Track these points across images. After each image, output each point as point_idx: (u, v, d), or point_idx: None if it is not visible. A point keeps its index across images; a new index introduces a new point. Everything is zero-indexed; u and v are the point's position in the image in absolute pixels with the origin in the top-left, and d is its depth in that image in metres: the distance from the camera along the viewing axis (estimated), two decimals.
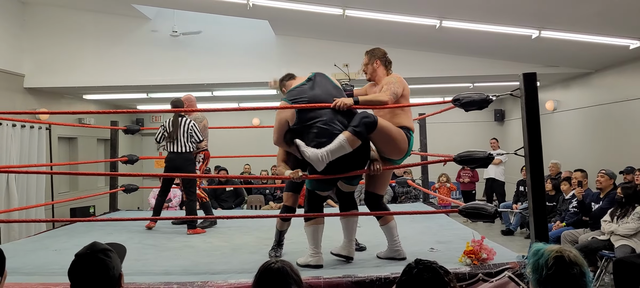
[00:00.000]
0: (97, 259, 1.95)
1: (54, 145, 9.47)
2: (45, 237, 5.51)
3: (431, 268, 1.92)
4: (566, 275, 1.86)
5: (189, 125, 5.78)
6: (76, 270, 1.95)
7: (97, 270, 1.93)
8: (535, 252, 1.94)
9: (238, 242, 4.93)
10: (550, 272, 1.87)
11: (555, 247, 1.93)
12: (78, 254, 1.98)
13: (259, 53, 8.86)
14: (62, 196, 9.63)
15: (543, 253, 1.91)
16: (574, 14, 5.95)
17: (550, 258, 1.88)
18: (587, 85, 9.09)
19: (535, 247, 1.96)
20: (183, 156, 5.74)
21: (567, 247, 1.95)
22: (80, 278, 1.94)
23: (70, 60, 8.89)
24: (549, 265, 1.88)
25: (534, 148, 3.58)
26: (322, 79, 3.94)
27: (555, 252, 1.89)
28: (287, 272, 1.95)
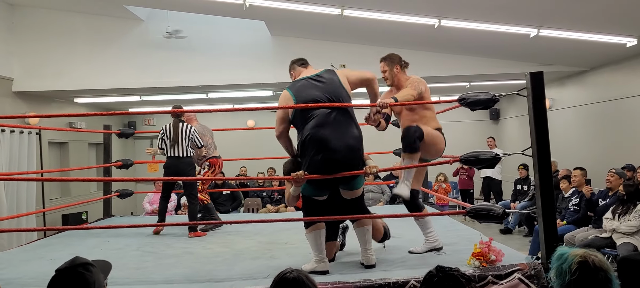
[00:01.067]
0: (76, 273, 1.92)
1: (44, 150, 9.30)
2: (38, 246, 5.37)
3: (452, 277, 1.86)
4: (591, 280, 1.80)
5: (190, 130, 5.81)
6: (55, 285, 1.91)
7: (76, 284, 1.90)
8: (559, 256, 1.87)
9: (239, 248, 4.83)
10: (574, 277, 1.81)
11: (579, 251, 1.87)
12: (58, 269, 1.96)
13: (255, 54, 8.76)
14: (53, 202, 9.46)
15: (567, 257, 1.85)
16: (574, 12, 5.92)
17: (574, 263, 1.82)
18: (582, 83, 9.09)
19: (559, 251, 1.90)
20: (184, 161, 5.75)
21: (591, 251, 1.88)
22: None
23: (60, 63, 8.73)
24: (572, 270, 1.82)
25: (541, 148, 3.52)
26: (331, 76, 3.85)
27: (579, 256, 1.83)
28: (303, 281, 1.88)
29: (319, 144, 3.61)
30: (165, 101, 10.72)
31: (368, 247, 3.86)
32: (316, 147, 3.61)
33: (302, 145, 3.70)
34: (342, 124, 3.67)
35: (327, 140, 3.60)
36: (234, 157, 9.64)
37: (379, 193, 9.00)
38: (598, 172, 7.63)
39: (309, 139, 3.64)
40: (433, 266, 3.64)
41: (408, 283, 3.40)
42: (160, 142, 5.83)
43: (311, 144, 3.63)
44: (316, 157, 3.61)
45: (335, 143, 3.61)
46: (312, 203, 3.85)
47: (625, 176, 6.61)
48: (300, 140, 3.73)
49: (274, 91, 9.75)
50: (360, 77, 3.97)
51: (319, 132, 3.61)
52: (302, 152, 3.72)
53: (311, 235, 3.76)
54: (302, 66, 4.03)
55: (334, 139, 3.61)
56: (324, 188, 3.79)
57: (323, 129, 3.62)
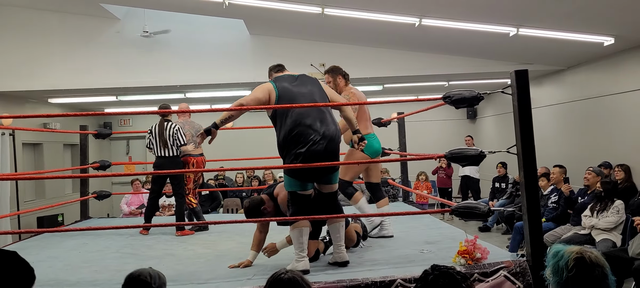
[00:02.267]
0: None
1: (18, 152, 9.07)
2: (15, 248, 5.16)
3: (448, 274, 1.84)
4: (588, 277, 1.80)
5: (173, 129, 5.82)
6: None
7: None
8: (555, 253, 1.88)
9: (221, 248, 4.77)
10: (571, 274, 1.81)
11: (575, 248, 1.87)
12: (130, 276, 2.00)
13: (233, 53, 8.68)
14: (28, 205, 9.23)
15: (563, 254, 1.85)
16: (553, 11, 6.00)
17: (571, 260, 1.83)
18: (559, 82, 9.23)
19: (554, 248, 1.90)
20: (172, 160, 5.82)
21: (587, 248, 1.89)
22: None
23: (34, 62, 8.51)
24: (569, 266, 1.82)
25: (526, 146, 3.54)
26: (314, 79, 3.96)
27: (575, 253, 1.84)
28: (298, 282, 1.84)
29: (305, 137, 3.65)
30: (142, 101, 10.56)
31: (341, 243, 3.88)
32: (302, 140, 3.64)
33: (286, 138, 3.68)
34: (325, 119, 3.74)
35: (312, 133, 3.66)
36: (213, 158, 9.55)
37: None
38: (576, 170, 7.75)
39: (295, 133, 3.65)
40: (418, 264, 3.69)
41: (395, 282, 3.39)
42: (148, 142, 5.89)
43: (297, 137, 3.65)
44: (301, 150, 3.63)
45: (318, 136, 3.66)
46: (298, 199, 3.83)
47: (603, 174, 6.73)
48: (283, 133, 3.70)
49: None
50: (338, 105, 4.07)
51: (304, 126, 3.66)
52: (286, 145, 3.70)
53: (295, 232, 3.73)
54: (279, 72, 4.05)
55: (317, 133, 3.67)
56: (309, 182, 3.81)
57: (307, 123, 3.67)
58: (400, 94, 11.47)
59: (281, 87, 3.78)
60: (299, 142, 3.65)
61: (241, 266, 3.97)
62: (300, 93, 3.79)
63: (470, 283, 1.85)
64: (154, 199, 6.01)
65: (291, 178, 3.76)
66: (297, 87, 3.82)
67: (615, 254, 5.07)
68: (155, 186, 6.01)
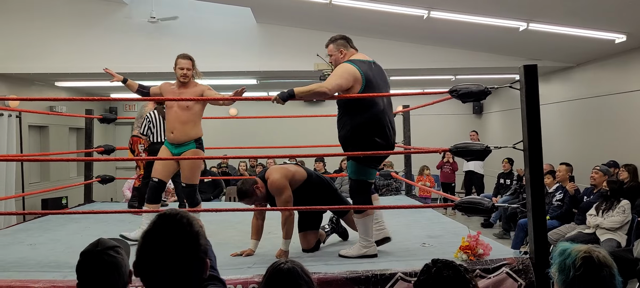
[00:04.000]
0: (107, 256, 1.84)
1: (24, 134, 9.09)
2: (17, 230, 5.24)
3: (451, 266, 1.82)
4: (595, 276, 1.77)
5: None
6: (85, 269, 1.84)
7: (107, 268, 1.82)
8: (561, 251, 1.84)
9: (222, 237, 4.75)
10: (578, 273, 1.78)
11: (583, 247, 1.84)
12: (84, 252, 1.87)
13: (240, 41, 8.64)
14: (33, 187, 9.27)
15: (570, 253, 1.82)
16: (565, 6, 5.92)
17: (578, 259, 1.79)
18: (568, 79, 9.14)
19: (561, 246, 1.87)
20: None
21: (595, 247, 1.86)
22: (89, 277, 1.83)
23: (41, 45, 8.50)
24: (576, 265, 1.79)
25: (533, 143, 3.50)
26: (380, 68, 3.89)
27: (583, 252, 1.81)
28: (298, 272, 1.82)
29: (385, 130, 3.71)
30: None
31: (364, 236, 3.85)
32: (382, 132, 3.69)
33: (366, 125, 3.66)
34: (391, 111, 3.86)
35: (390, 127, 3.76)
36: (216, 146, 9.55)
37: None
38: (582, 168, 7.69)
39: (376, 123, 3.68)
40: (420, 258, 3.67)
41: (395, 276, 3.38)
42: (146, 129, 5.90)
43: (378, 128, 3.68)
44: (378, 140, 3.67)
45: (392, 132, 3.78)
46: (366, 188, 3.85)
47: (610, 173, 6.67)
48: (362, 120, 3.65)
49: (259, 80, 9.65)
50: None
51: (385, 119, 3.71)
52: (362, 132, 3.66)
53: (363, 220, 3.76)
54: (353, 49, 3.89)
55: (391, 128, 3.78)
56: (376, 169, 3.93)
57: (387, 116, 3.74)
58: (406, 86, 11.40)
59: (366, 74, 3.66)
60: (379, 132, 3.68)
61: (244, 255, 3.95)
62: (382, 81, 3.79)
63: (472, 276, 1.83)
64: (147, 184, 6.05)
65: (365, 167, 3.76)
66: (376, 75, 3.75)
67: (620, 254, 5.03)
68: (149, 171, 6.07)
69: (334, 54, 3.86)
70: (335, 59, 3.86)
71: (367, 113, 3.65)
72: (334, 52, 3.86)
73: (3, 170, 8.13)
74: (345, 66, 3.67)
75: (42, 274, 3.46)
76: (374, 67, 3.79)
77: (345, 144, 3.78)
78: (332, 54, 3.88)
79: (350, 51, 3.86)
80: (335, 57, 3.85)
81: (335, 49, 3.85)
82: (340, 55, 3.82)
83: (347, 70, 3.62)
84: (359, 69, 3.63)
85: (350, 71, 3.62)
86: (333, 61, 3.90)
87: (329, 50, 3.90)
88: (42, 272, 3.54)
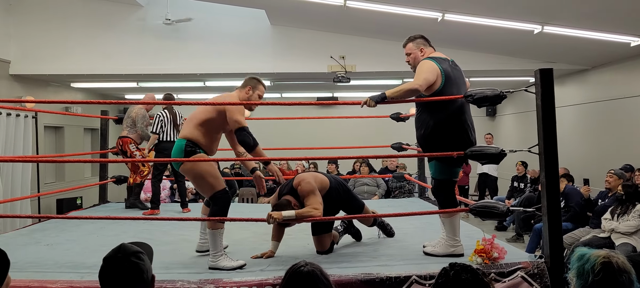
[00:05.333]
0: (129, 263, 1.85)
1: (40, 135, 9.20)
2: (34, 230, 5.31)
3: (469, 270, 1.83)
4: (614, 282, 1.77)
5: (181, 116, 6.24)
6: (108, 274, 1.85)
7: (130, 274, 1.83)
8: (580, 256, 1.84)
9: (237, 238, 4.77)
10: (597, 278, 1.78)
11: (602, 252, 1.84)
12: (107, 258, 1.87)
13: (254, 43, 8.68)
14: (48, 187, 9.37)
15: (589, 258, 1.82)
16: (580, 9, 5.88)
17: (598, 264, 1.79)
18: (583, 82, 9.07)
19: (579, 251, 1.87)
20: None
21: (614, 252, 1.85)
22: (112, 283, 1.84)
23: (57, 47, 8.61)
24: (595, 270, 1.79)
25: (549, 146, 3.49)
26: (457, 67, 3.88)
27: (602, 257, 1.80)
28: (317, 275, 1.83)
29: (465, 127, 3.72)
30: (163, 88, 10.61)
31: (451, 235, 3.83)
32: (462, 130, 3.71)
33: (446, 123, 3.68)
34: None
35: (469, 125, 3.77)
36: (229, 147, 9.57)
37: (374, 187, 8.97)
38: (597, 172, 7.62)
39: (456, 120, 3.69)
40: (434, 261, 3.66)
41: (410, 279, 3.37)
42: (158, 127, 6.10)
43: (458, 125, 3.70)
44: (459, 141, 3.67)
45: (472, 130, 3.80)
46: (451, 186, 3.86)
47: (625, 177, 6.61)
48: (440, 118, 3.67)
49: (273, 81, 9.68)
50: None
51: (464, 116, 3.73)
52: (443, 130, 3.68)
53: (449, 220, 3.78)
54: (432, 47, 3.91)
55: (471, 126, 3.80)
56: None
57: (466, 114, 3.75)
58: None
59: (446, 71, 3.69)
60: (459, 130, 3.70)
61: (264, 257, 3.96)
62: (461, 80, 3.79)
63: (489, 280, 1.84)
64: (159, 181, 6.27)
65: (450, 167, 3.77)
66: (455, 73, 3.77)
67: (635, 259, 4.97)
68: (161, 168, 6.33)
69: (413, 52, 3.87)
70: (414, 57, 3.87)
71: (447, 111, 3.67)
72: (413, 50, 3.87)
73: (19, 170, 8.23)
74: (427, 62, 3.70)
75: (59, 274, 3.50)
76: (451, 64, 3.80)
77: (426, 143, 3.80)
78: (410, 52, 3.88)
79: (429, 49, 3.88)
80: (414, 55, 3.87)
81: (415, 47, 3.87)
82: (420, 53, 3.85)
83: (430, 66, 3.66)
84: (439, 66, 3.67)
85: (433, 66, 3.66)
86: (411, 60, 3.89)
87: (408, 49, 3.91)
88: (59, 273, 3.58)
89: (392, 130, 8.20)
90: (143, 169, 6.41)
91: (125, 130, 6.39)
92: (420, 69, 3.66)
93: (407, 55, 3.92)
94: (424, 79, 3.58)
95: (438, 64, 3.68)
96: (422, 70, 3.63)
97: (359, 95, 11.57)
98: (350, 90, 11.19)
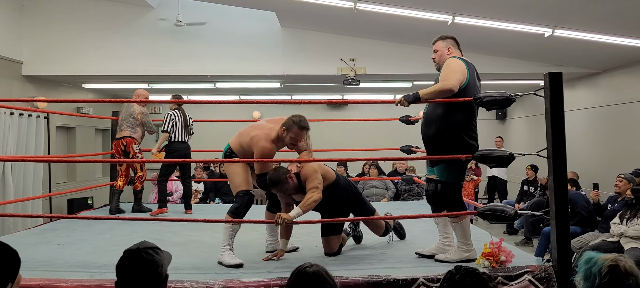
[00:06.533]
0: (146, 255, 1.96)
1: (52, 135, 9.30)
2: (45, 229, 5.37)
3: (474, 274, 1.83)
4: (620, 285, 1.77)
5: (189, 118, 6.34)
6: (125, 266, 1.96)
7: (146, 267, 1.94)
8: (587, 260, 1.85)
9: (245, 239, 4.79)
10: (603, 281, 1.78)
11: (609, 255, 1.84)
12: (127, 251, 1.99)
13: (264, 45, 8.72)
14: (59, 187, 9.47)
15: (596, 261, 1.82)
16: (590, 13, 5.85)
17: (605, 267, 1.80)
18: (593, 85, 9.01)
19: (587, 255, 1.87)
20: (188, 145, 6.30)
21: (622, 256, 1.85)
22: (128, 274, 1.94)
23: (69, 47, 8.70)
24: (602, 273, 1.79)
25: (558, 150, 3.48)
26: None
27: (610, 260, 1.81)
28: (323, 276, 1.85)
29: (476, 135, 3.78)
30: (173, 89, 10.70)
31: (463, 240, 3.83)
32: (474, 132, 3.75)
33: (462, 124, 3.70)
34: None
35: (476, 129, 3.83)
36: None
37: (383, 190, 8.96)
38: (607, 176, 7.57)
39: (470, 122, 3.73)
40: (442, 264, 3.66)
41: (417, 281, 3.38)
42: (169, 127, 6.16)
43: (471, 127, 3.74)
44: (472, 142, 3.72)
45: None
46: (459, 190, 3.86)
47: (634, 181, 6.56)
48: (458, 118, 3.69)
49: (282, 83, 9.72)
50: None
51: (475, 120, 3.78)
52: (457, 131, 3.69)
53: (460, 224, 3.78)
54: (459, 50, 3.94)
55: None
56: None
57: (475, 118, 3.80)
58: None
59: (470, 72, 3.73)
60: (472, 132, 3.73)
61: (277, 258, 3.98)
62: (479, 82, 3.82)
63: (495, 284, 1.84)
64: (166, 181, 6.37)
65: (459, 170, 3.78)
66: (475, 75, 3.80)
67: None
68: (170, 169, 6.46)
69: (441, 49, 3.89)
70: (440, 55, 3.89)
71: (464, 112, 3.69)
72: (441, 48, 3.89)
73: (31, 170, 8.32)
74: (455, 60, 3.73)
75: (69, 274, 3.55)
76: (473, 67, 3.84)
77: (434, 141, 3.78)
78: (438, 50, 3.91)
79: (457, 52, 3.91)
80: (441, 53, 3.89)
81: (444, 46, 3.89)
82: (447, 52, 3.87)
83: (459, 64, 3.70)
84: (466, 65, 3.73)
85: (461, 66, 3.70)
86: (437, 57, 3.91)
87: (436, 46, 3.93)
88: (69, 272, 3.63)
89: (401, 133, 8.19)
90: (141, 174, 6.33)
91: (126, 130, 6.22)
92: (449, 67, 3.69)
93: (433, 53, 3.94)
94: (457, 79, 3.62)
95: (465, 63, 3.73)
96: (453, 70, 3.66)
97: (368, 98, 11.57)
98: (359, 93, 11.19)
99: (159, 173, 6.41)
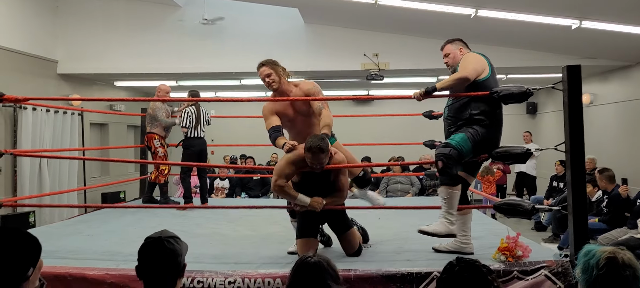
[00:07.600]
0: (168, 244, 2.08)
1: (86, 131, 9.61)
2: (78, 221, 5.59)
3: (473, 266, 1.86)
4: (618, 277, 1.78)
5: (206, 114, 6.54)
6: (147, 252, 2.08)
7: (167, 255, 2.06)
8: (586, 252, 1.86)
9: (266, 232, 4.91)
10: (601, 273, 1.79)
11: (608, 248, 1.85)
12: (149, 238, 2.12)
13: (288, 42, 8.80)
14: (93, 181, 9.78)
15: (594, 254, 1.84)
16: (619, 3, 5.72)
17: (602, 259, 1.81)
18: (626, 78, 8.77)
19: (586, 248, 1.89)
20: (204, 140, 6.52)
21: (621, 248, 1.86)
22: (149, 260, 2.06)
23: (101, 46, 8.97)
24: (600, 265, 1.80)
25: (575, 144, 3.46)
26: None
27: (608, 253, 1.82)
28: (324, 267, 1.91)
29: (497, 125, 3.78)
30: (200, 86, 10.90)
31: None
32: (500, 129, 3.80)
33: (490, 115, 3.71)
34: None
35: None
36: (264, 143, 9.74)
37: (408, 185, 8.95)
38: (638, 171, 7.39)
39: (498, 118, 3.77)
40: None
41: (431, 274, 3.40)
42: (187, 122, 6.36)
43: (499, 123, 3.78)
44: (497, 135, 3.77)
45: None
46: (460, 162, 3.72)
47: None
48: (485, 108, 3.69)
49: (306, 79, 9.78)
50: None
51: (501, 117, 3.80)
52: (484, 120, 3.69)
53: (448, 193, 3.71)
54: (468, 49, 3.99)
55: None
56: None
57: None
58: None
59: (491, 65, 3.80)
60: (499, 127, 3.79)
61: None
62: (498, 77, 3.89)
63: (495, 278, 1.86)
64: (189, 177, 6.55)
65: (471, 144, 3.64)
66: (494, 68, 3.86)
67: None
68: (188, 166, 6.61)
69: (452, 52, 3.94)
70: (453, 57, 3.93)
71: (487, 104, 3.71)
72: (451, 51, 3.94)
73: (66, 165, 8.64)
74: (472, 54, 3.79)
75: (97, 263, 3.70)
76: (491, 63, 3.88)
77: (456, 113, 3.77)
78: (449, 52, 3.95)
79: (467, 51, 3.95)
80: (453, 55, 3.93)
81: (455, 48, 3.94)
82: (459, 52, 3.92)
83: (476, 57, 3.75)
84: (485, 57, 3.77)
85: (479, 58, 3.75)
86: (450, 60, 3.95)
87: (446, 49, 3.98)
88: (97, 261, 3.78)
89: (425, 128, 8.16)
90: (163, 169, 6.53)
91: (147, 127, 6.59)
92: (467, 60, 3.72)
93: (445, 57, 3.98)
94: (473, 68, 3.65)
95: (484, 56, 3.77)
96: (469, 61, 3.69)
97: (393, 93, 11.53)
98: (384, 88, 11.17)
99: (180, 170, 6.60)
